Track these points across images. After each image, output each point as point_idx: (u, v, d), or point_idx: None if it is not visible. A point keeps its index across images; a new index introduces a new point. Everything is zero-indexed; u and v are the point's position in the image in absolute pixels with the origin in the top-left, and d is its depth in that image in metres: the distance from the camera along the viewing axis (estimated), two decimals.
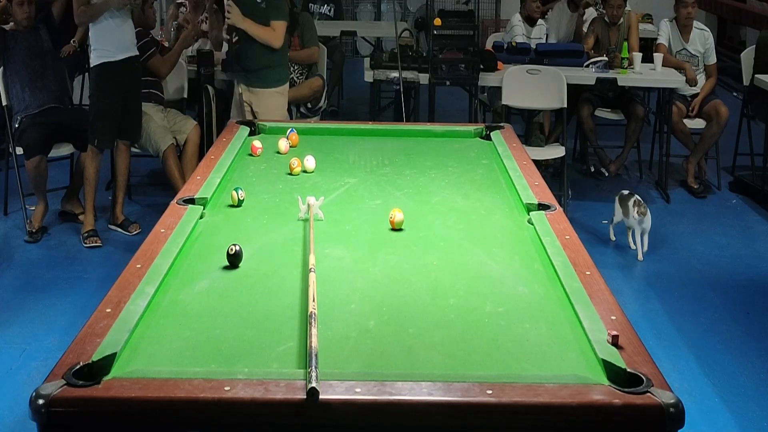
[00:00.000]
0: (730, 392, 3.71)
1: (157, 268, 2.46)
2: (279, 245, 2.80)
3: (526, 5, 6.76)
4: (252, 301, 2.39)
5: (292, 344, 2.11)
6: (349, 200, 3.27)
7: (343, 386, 1.87)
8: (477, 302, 2.38)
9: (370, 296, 2.41)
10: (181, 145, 5.67)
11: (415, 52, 6.34)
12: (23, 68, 5.34)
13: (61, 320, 4.15)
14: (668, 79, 6.13)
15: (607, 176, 6.56)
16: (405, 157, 3.82)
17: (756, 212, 6.08)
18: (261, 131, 4.15)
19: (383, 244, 2.80)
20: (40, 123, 5.26)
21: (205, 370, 1.97)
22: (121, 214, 5.39)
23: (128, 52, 5.13)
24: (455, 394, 1.88)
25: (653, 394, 1.86)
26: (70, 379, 1.86)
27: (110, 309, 2.20)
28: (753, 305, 4.63)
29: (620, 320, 2.21)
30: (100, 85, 5.11)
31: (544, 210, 2.99)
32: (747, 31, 10.14)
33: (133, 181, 5.94)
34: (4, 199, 5.65)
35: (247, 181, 3.40)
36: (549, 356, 2.11)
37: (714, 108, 6.32)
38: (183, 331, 2.20)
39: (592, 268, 2.51)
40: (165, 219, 2.87)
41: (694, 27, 6.50)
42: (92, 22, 5.03)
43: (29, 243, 5.17)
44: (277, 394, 1.85)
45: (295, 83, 6.22)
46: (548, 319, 2.28)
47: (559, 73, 5.91)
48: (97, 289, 4.29)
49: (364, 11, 10.79)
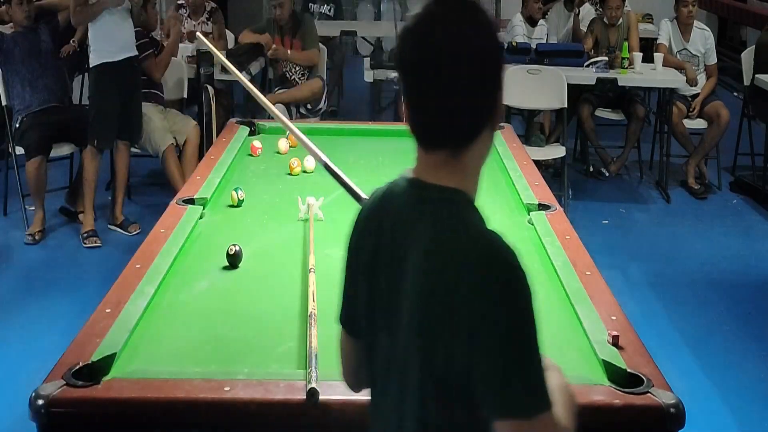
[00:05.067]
0: (731, 392, 3.71)
1: (156, 268, 2.46)
2: (279, 245, 2.80)
3: (527, 5, 6.76)
4: (252, 301, 2.39)
5: (292, 344, 2.11)
6: (349, 200, 3.26)
7: (343, 386, 1.86)
8: None
9: None
10: (181, 145, 5.67)
11: None
12: (23, 68, 5.33)
13: (61, 320, 4.14)
14: (668, 79, 6.13)
15: (608, 176, 6.56)
16: (405, 158, 3.81)
17: (757, 212, 6.07)
18: (261, 131, 4.15)
19: None
20: (41, 123, 5.26)
21: (205, 370, 1.97)
22: (121, 215, 5.38)
23: (127, 52, 5.12)
24: None
25: (654, 394, 1.86)
26: (69, 380, 1.86)
27: (110, 309, 2.20)
28: (753, 305, 4.62)
29: (620, 320, 2.21)
30: (100, 86, 5.10)
31: (545, 210, 2.99)
32: (748, 30, 10.13)
33: (133, 181, 5.93)
34: (4, 200, 5.64)
35: (247, 181, 3.39)
36: (549, 356, 2.10)
37: (715, 110, 6.31)
38: (183, 331, 2.20)
39: (592, 269, 2.51)
40: (165, 219, 2.87)
41: (694, 27, 6.50)
42: (91, 22, 5.03)
43: (29, 243, 5.17)
44: (277, 395, 1.85)
45: (296, 84, 6.23)
46: (548, 319, 2.28)
47: (560, 73, 5.91)
48: (97, 289, 4.27)
49: (364, 11, 10.77)
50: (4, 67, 5.39)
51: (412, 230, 1.35)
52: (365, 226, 1.46)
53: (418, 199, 1.38)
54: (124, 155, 5.37)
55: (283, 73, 6.28)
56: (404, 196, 1.40)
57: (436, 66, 1.31)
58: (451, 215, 1.33)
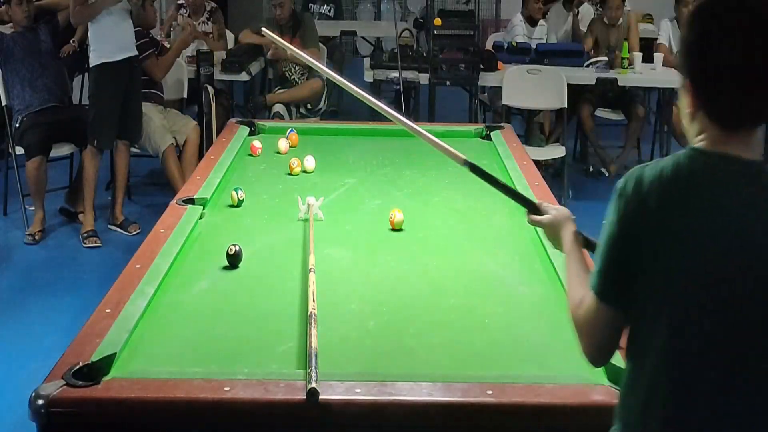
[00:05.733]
0: None
1: (156, 268, 2.46)
2: (279, 245, 2.79)
3: (527, 5, 6.76)
4: (252, 301, 2.39)
5: (292, 344, 2.11)
6: (349, 200, 3.26)
7: (343, 386, 1.87)
8: (477, 302, 2.38)
9: (370, 296, 2.41)
10: (181, 145, 5.67)
11: (415, 52, 6.34)
12: (23, 68, 5.33)
13: (61, 320, 4.14)
14: (669, 79, 6.12)
15: (608, 176, 6.55)
16: (405, 158, 3.82)
17: None
18: (261, 131, 4.15)
19: (383, 245, 2.80)
20: (41, 123, 5.26)
21: (205, 370, 1.97)
22: (121, 215, 5.38)
23: (127, 52, 5.12)
24: (455, 394, 1.88)
25: None
26: (69, 380, 1.86)
27: (110, 309, 2.20)
28: None
29: None
30: (100, 86, 5.10)
31: None
32: None
33: (133, 181, 5.93)
34: (4, 199, 5.64)
35: (247, 181, 3.39)
36: (549, 356, 2.11)
37: None
38: (183, 331, 2.20)
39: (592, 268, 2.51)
40: (165, 219, 2.87)
41: None
42: (91, 22, 5.03)
43: (29, 243, 5.17)
44: (277, 395, 1.85)
45: (296, 84, 6.23)
46: (548, 319, 2.28)
47: (560, 73, 5.91)
48: (96, 289, 4.27)
49: (364, 11, 10.77)
50: (4, 67, 5.38)
51: (753, 203, 1.44)
52: (664, 201, 1.47)
53: (743, 173, 1.46)
54: (124, 155, 5.37)
55: (283, 73, 6.29)
56: (722, 172, 1.47)
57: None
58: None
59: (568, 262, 1.75)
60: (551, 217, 1.90)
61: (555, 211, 1.91)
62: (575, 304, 1.60)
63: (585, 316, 1.56)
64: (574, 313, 1.60)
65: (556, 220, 1.88)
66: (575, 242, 1.80)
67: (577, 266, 1.72)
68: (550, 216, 1.90)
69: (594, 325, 1.55)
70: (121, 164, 5.38)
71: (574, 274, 1.69)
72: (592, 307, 1.54)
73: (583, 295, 1.57)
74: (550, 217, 1.90)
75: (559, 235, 1.85)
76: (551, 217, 1.90)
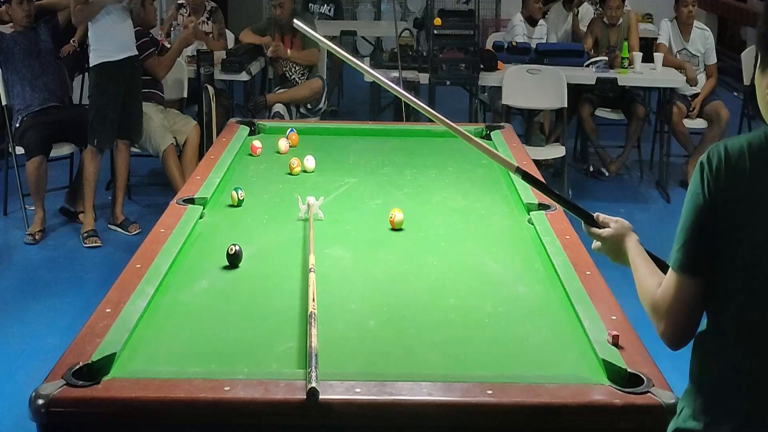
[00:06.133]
0: None
1: (156, 268, 2.46)
2: (279, 245, 2.79)
3: (527, 5, 6.76)
4: (252, 301, 2.39)
5: (292, 344, 2.11)
6: (349, 200, 3.26)
7: (343, 386, 1.87)
8: (477, 302, 2.38)
9: (370, 296, 2.41)
10: (181, 145, 5.67)
11: (415, 52, 6.34)
12: (23, 67, 5.33)
13: (61, 320, 4.14)
14: (669, 79, 6.13)
15: (608, 176, 6.56)
16: (405, 157, 3.82)
17: None
18: (261, 131, 4.15)
19: (383, 244, 2.80)
20: (42, 123, 5.26)
21: (205, 370, 1.97)
22: (121, 214, 5.38)
23: (127, 52, 5.12)
24: (455, 394, 1.88)
25: (654, 394, 1.86)
26: (69, 379, 1.86)
27: (110, 309, 2.20)
28: None
29: (620, 320, 2.21)
30: (100, 85, 5.10)
31: (544, 210, 2.99)
32: (747, 30, 10.13)
33: (133, 181, 5.93)
34: (4, 199, 5.64)
35: (247, 181, 3.39)
36: (549, 356, 2.10)
37: (715, 110, 6.32)
38: (183, 331, 2.20)
39: (592, 268, 2.51)
40: (165, 219, 2.87)
41: (694, 27, 6.50)
42: (91, 21, 5.03)
43: (29, 243, 5.17)
44: (277, 394, 1.85)
45: (296, 83, 6.23)
46: (548, 319, 2.28)
47: (560, 73, 5.91)
48: (97, 289, 4.28)
49: (364, 11, 10.77)
50: (4, 67, 5.38)
51: None
52: (752, 170, 1.50)
53: None
54: (124, 155, 5.37)
55: (283, 73, 6.29)
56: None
57: None
58: None
59: (636, 264, 1.76)
60: (613, 231, 1.87)
61: (615, 223, 1.88)
62: (652, 292, 1.62)
63: (665, 296, 1.58)
64: (651, 299, 1.62)
65: (618, 234, 1.86)
66: (639, 247, 1.81)
67: (645, 265, 1.73)
68: (611, 230, 1.87)
69: (677, 300, 1.57)
70: (122, 164, 5.38)
71: (644, 268, 1.72)
72: (675, 285, 1.57)
73: (660, 280, 1.61)
74: (611, 231, 1.88)
75: (622, 249, 1.83)
76: (613, 231, 1.87)
